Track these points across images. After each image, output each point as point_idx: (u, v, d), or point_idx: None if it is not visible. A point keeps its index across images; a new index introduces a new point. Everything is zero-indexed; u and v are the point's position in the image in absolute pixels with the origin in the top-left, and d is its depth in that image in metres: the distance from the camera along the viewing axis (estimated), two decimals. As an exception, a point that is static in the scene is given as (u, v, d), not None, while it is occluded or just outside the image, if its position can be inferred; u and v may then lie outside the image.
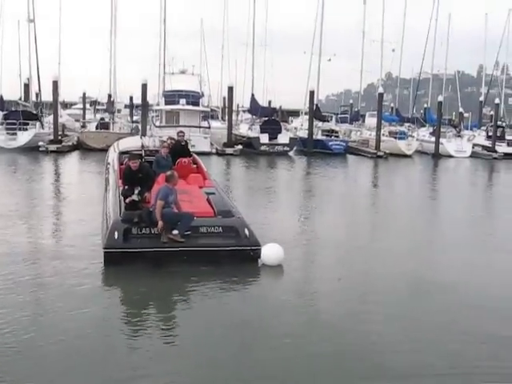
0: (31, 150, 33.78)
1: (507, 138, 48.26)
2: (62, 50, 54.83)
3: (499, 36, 63.36)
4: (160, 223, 10.78)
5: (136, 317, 8.55)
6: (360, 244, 13.50)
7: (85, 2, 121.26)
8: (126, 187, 12.05)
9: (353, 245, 13.37)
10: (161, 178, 13.01)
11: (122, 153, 16.11)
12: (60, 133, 39.09)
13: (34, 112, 38.60)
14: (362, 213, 18.84)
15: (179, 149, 15.99)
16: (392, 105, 62.88)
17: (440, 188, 27.84)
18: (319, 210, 18.49)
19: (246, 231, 11.23)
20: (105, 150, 33.72)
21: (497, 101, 49.87)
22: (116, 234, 10.69)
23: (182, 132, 17.48)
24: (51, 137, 37.19)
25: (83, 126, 42.66)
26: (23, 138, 35.12)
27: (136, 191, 11.78)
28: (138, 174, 12.04)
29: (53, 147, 34.96)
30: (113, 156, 16.82)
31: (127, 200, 11.70)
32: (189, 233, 11.08)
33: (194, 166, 16.08)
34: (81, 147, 37.35)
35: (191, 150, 17.47)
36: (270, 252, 10.96)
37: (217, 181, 16.35)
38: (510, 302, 9.66)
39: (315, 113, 43.30)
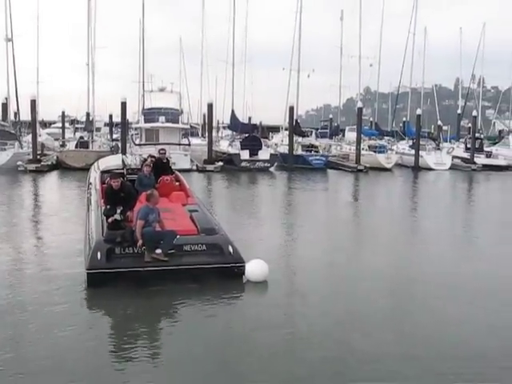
0: (10, 169, 33.47)
1: (485, 149, 48.86)
2: (41, 68, 54.62)
3: (474, 49, 64.41)
4: (140, 242, 10.68)
5: (120, 336, 8.49)
6: (341, 260, 13.42)
7: (63, 19, 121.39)
8: (108, 207, 11.96)
9: (335, 260, 13.32)
10: (143, 196, 12.92)
11: (103, 172, 16.01)
12: (39, 152, 38.80)
13: (13, 131, 38.30)
14: (344, 227, 18.77)
15: (161, 166, 15.90)
16: (371, 119, 63.34)
17: (420, 200, 27.98)
18: (302, 226, 18.37)
19: (230, 248, 11.21)
20: (85, 169, 33.69)
21: (474, 113, 50.60)
22: (99, 254, 10.58)
23: (163, 149, 17.40)
24: (30, 156, 36.90)
25: (62, 145, 42.34)
26: (2, 158, 34.79)
27: (118, 211, 11.69)
28: (119, 193, 11.96)
29: (32, 167, 34.70)
30: (94, 175, 16.71)
31: (110, 220, 11.59)
32: (172, 251, 10.99)
33: (177, 183, 15.99)
34: (60, 166, 37.03)
35: (172, 167, 17.37)
36: (254, 268, 10.94)
37: (200, 198, 16.28)
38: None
39: (295, 128, 43.43)
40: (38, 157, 37.72)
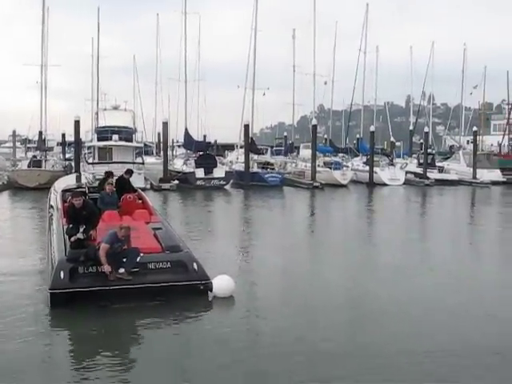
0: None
1: (437, 164, 49.78)
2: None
3: (424, 67, 65.90)
4: (107, 267, 10.45)
5: (85, 356, 8.35)
6: (299, 272, 13.75)
7: (14, 36, 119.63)
8: (71, 225, 11.78)
9: (295, 273, 13.67)
10: (106, 215, 12.95)
11: (64, 191, 15.86)
12: (-11, 172, 37.92)
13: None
14: (302, 242, 18.93)
15: (123, 184, 15.71)
16: (325, 136, 63.97)
17: (376, 215, 28.29)
18: (259, 241, 18.39)
19: (195, 265, 11.13)
20: (38, 189, 33.27)
21: (426, 129, 51.62)
22: (62, 273, 10.37)
23: (129, 169, 17.26)
24: (-20, 177, 35.97)
25: (14, 165, 41.47)
26: None
27: (81, 229, 11.55)
28: (82, 212, 11.80)
29: (-18, 187, 33.76)
30: (55, 194, 16.48)
31: (72, 239, 11.42)
32: (136, 269, 10.83)
33: (140, 201, 15.81)
34: (12, 186, 36.13)
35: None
36: (220, 284, 10.93)
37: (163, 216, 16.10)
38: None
39: (251, 146, 43.41)
40: (-12, 177, 36.80)
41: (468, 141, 63.08)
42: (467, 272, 14.06)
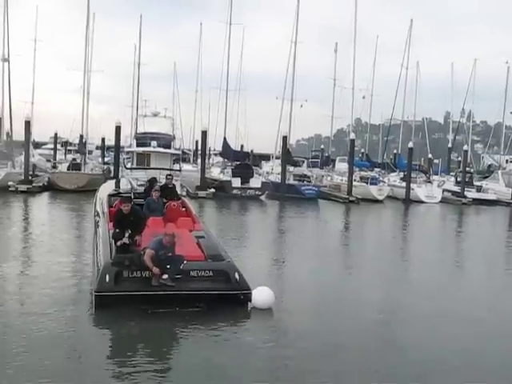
0: (1, 189, 33.17)
1: (475, 183, 49.15)
2: (36, 88, 54.80)
3: (465, 84, 65.24)
4: (155, 269, 10.70)
5: (123, 357, 8.57)
6: (337, 286, 13.92)
7: (59, 42, 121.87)
8: (117, 230, 12.01)
9: (332, 287, 13.84)
10: (151, 221, 13.18)
11: (110, 195, 16.27)
12: (31, 173, 38.56)
13: (6, 151, 38.11)
14: (340, 257, 18.98)
15: (167, 192, 15.97)
16: (362, 150, 63.70)
17: (412, 234, 28.02)
18: (295, 253, 18.55)
19: (237, 275, 11.25)
20: (76, 191, 33.81)
21: (465, 147, 50.91)
22: (107, 277, 10.62)
23: (170, 175, 17.62)
24: (22, 177, 36.61)
25: (54, 167, 42.19)
26: (-6, 177, 34.55)
27: (127, 234, 11.76)
28: (129, 218, 12.04)
29: (23, 187, 34.39)
30: (101, 199, 16.86)
31: (118, 243, 11.66)
32: (179, 276, 11.01)
33: (183, 209, 16.04)
34: (51, 188, 36.74)
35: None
36: (260, 295, 11.04)
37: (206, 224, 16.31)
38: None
39: (288, 157, 43.42)
40: (30, 177, 37.49)
41: (507, 160, 62.10)
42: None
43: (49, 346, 8.72)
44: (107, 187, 19.05)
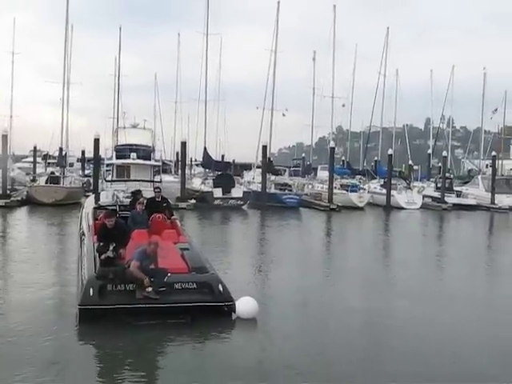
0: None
1: (455, 189, 49.48)
2: (14, 101, 54.47)
3: (444, 90, 65.86)
4: (146, 280, 10.74)
5: (108, 370, 8.67)
6: (320, 294, 14.00)
7: (39, 52, 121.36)
8: (101, 244, 11.99)
9: (316, 295, 13.92)
10: (135, 233, 13.19)
11: (96, 208, 16.29)
12: (9, 187, 38.22)
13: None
14: (324, 266, 19.00)
15: (154, 205, 15.92)
16: (343, 158, 63.99)
17: (393, 239, 28.23)
18: (278, 262, 18.56)
19: (220, 287, 11.32)
20: (54, 205, 33.55)
21: (444, 153, 51.34)
22: (91, 290, 10.61)
23: (158, 188, 17.49)
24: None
25: (33, 180, 41.85)
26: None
27: (111, 247, 11.72)
28: (113, 231, 12.01)
29: (1, 202, 34.13)
30: (86, 211, 16.88)
31: (102, 256, 11.63)
32: (163, 289, 11.03)
33: (168, 221, 16.00)
34: (30, 202, 36.39)
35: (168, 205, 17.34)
36: (244, 305, 11.12)
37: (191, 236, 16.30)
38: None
39: (269, 167, 43.48)
40: (8, 192, 37.14)
41: (487, 165, 62.51)
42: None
43: (29, 360, 8.67)
44: (92, 201, 19.07)
